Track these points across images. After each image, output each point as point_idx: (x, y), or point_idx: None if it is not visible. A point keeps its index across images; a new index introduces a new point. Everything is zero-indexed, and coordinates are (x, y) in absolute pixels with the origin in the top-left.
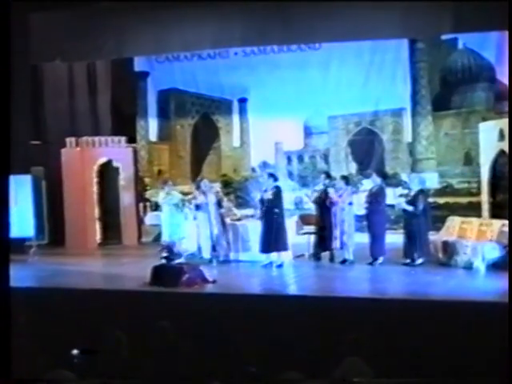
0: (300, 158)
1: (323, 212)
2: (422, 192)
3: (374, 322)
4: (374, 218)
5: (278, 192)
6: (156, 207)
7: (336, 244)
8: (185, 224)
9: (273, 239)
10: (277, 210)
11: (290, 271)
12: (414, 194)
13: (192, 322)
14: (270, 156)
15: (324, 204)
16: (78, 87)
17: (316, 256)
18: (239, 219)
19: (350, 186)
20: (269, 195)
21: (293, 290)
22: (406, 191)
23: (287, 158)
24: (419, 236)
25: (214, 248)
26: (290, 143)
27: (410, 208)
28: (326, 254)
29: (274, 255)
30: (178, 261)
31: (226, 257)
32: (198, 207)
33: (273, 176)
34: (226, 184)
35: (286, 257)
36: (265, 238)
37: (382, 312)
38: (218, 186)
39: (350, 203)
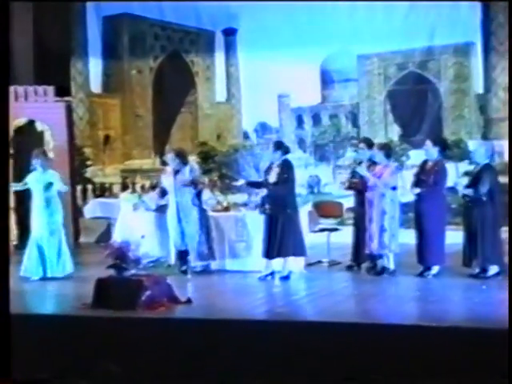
0: (316, 118)
1: (355, 198)
2: (490, 169)
3: (427, 359)
4: (426, 207)
5: (287, 170)
6: (102, 191)
7: (372, 246)
8: (146, 217)
9: (279, 241)
10: (287, 197)
11: (301, 286)
12: (477, 172)
13: (154, 361)
14: (270, 115)
15: (353, 187)
16: None
17: (338, 263)
18: (226, 209)
19: (392, 161)
20: (273, 175)
21: (304, 314)
22: (474, 167)
23: (297, 119)
24: (484, 233)
25: (187, 252)
26: (301, 96)
27: (470, 192)
28: (347, 260)
29: (276, 263)
30: (134, 271)
31: (206, 265)
32: (164, 193)
33: (280, 146)
34: (207, 157)
35: (294, 265)
36: (268, 240)
37: (437, 346)
38: (194, 161)
39: (394, 187)
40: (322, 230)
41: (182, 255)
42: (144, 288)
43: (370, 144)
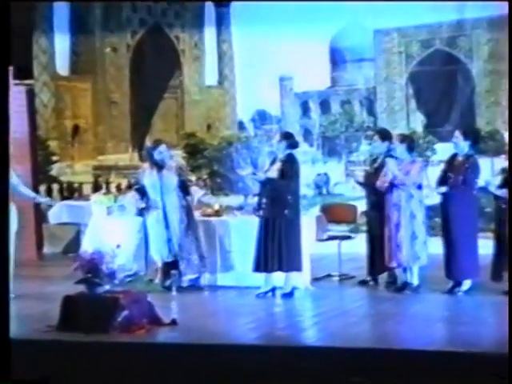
0: (324, 106)
1: (369, 200)
2: None
3: None
4: (455, 211)
5: (291, 165)
6: (70, 192)
7: (400, 257)
8: (122, 223)
9: (277, 250)
10: (288, 199)
11: (306, 305)
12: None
13: None
14: (270, 102)
15: (371, 186)
16: None
17: (351, 277)
18: (217, 214)
19: (416, 156)
20: (273, 171)
21: (310, 338)
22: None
23: (302, 106)
24: None
25: (172, 265)
26: (307, 79)
27: (503, 193)
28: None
29: (277, 277)
30: (108, 287)
31: (194, 280)
32: (145, 194)
33: (287, 137)
34: (194, 151)
35: (299, 280)
36: (264, 249)
37: (469, 375)
38: (179, 156)
39: (419, 186)
40: (332, 238)
41: (168, 268)
42: (120, 307)
43: (384, 136)
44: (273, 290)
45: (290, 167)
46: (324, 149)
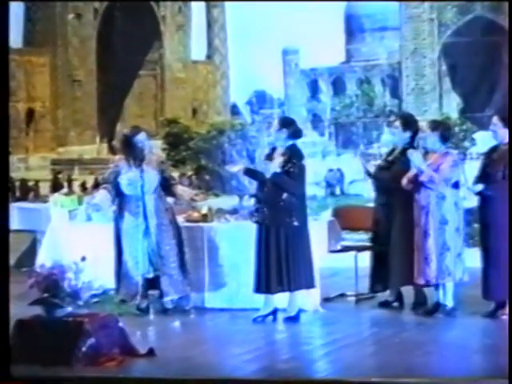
0: (338, 85)
1: (393, 202)
2: None
3: None
4: (494, 215)
5: (294, 159)
6: (24, 192)
7: (429, 273)
8: (89, 230)
9: (285, 265)
10: (292, 202)
11: (315, 331)
12: None
13: None
14: (271, 80)
15: (394, 185)
16: None
17: (370, 297)
18: (206, 219)
19: (451, 147)
20: (273, 166)
21: (319, 371)
22: None
23: (310, 85)
24: None
25: (151, 282)
26: (316, 53)
27: None
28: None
29: (280, 297)
30: (71, 309)
31: (177, 300)
32: (118, 195)
33: (287, 124)
34: (177, 142)
35: (306, 300)
36: (266, 264)
37: None
38: (158, 148)
39: (455, 184)
40: (347, 249)
41: (147, 285)
42: (85, 334)
43: (407, 123)
44: (274, 312)
45: (292, 162)
46: (337, 139)
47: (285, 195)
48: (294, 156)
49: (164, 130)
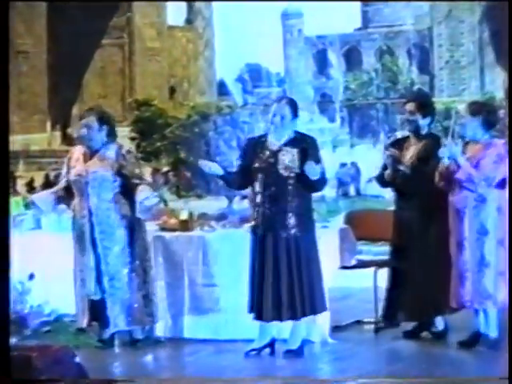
0: (352, 57)
1: (422, 205)
2: None
3: None
4: None
5: (314, 152)
6: None
7: (463, 295)
8: (36, 239)
9: (287, 287)
10: (296, 205)
11: (324, 367)
12: None
13: None
14: (268, 51)
15: (423, 182)
16: None
17: (394, 325)
18: (185, 226)
19: (498, 135)
20: (281, 163)
21: None
22: None
23: (316, 57)
24: None
25: (117, 306)
26: (324, 16)
27: None
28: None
29: (278, 326)
30: (15, 340)
31: (148, 330)
32: (68, 194)
33: (291, 100)
34: (150, 130)
35: (312, 328)
36: (261, 284)
37: None
38: (126, 137)
39: (500, 183)
40: (364, 265)
41: (100, 310)
42: (34, 371)
43: (425, 105)
44: (272, 344)
45: (310, 154)
46: (351, 125)
47: (291, 198)
48: (310, 145)
49: (133, 115)
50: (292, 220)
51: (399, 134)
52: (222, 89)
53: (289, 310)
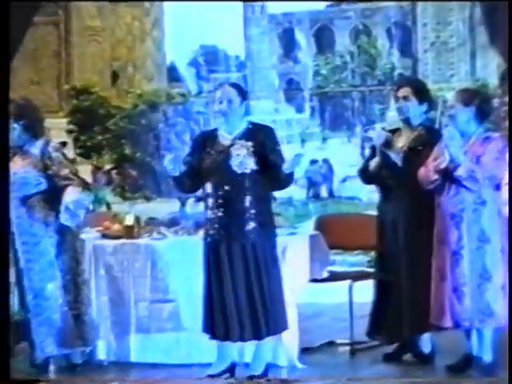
0: (323, 37)
1: (408, 208)
2: None
3: None
4: None
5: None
6: None
7: (460, 312)
8: None
9: (247, 302)
10: (255, 208)
11: None
12: None
13: None
14: (225, 30)
15: (408, 184)
16: None
17: (372, 346)
18: (130, 233)
19: (492, 128)
20: (236, 159)
21: None
22: None
23: (282, 37)
24: None
25: (44, 328)
26: None
27: None
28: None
29: (239, 347)
30: None
31: (89, 353)
32: None
33: (239, 87)
34: (89, 121)
35: (278, 351)
36: (218, 299)
37: None
38: (62, 129)
39: (498, 184)
40: (338, 278)
41: (26, 332)
42: None
43: (421, 91)
44: (232, 368)
45: (268, 147)
46: (323, 116)
47: (248, 198)
48: (266, 137)
49: (70, 104)
50: (250, 225)
51: (378, 127)
52: (173, 74)
53: (251, 328)
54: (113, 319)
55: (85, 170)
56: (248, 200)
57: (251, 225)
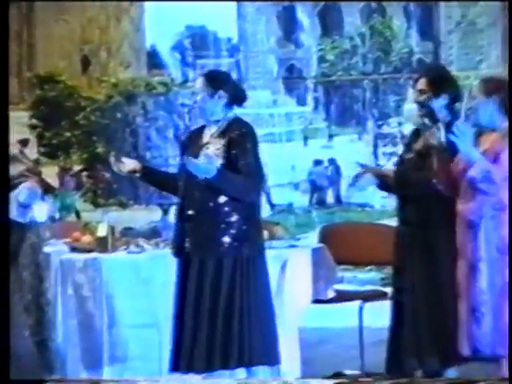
0: (330, 15)
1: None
2: None
3: None
4: None
5: (240, 145)
6: None
7: (479, 337)
8: None
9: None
10: (227, 219)
11: None
12: None
13: None
14: (214, 9)
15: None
16: None
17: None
18: (103, 246)
19: None
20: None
21: None
22: None
23: (282, 17)
24: None
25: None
26: None
27: None
28: None
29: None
30: None
31: None
32: None
33: (220, 80)
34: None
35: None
36: (196, 322)
37: None
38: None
39: None
40: (346, 298)
41: None
42: None
43: (441, 80)
44: None
45: (238, 148)
46: (329, 109)
47: (223, 205)
48: (241, 137)
49: (33, 95)
50: (228, 236)
51: (392, 122)
52: (154, 60)
53: (244, 357)
54: (83, 346)
55: (50, 172)
56: (223, 208)
57: (229, 236)
